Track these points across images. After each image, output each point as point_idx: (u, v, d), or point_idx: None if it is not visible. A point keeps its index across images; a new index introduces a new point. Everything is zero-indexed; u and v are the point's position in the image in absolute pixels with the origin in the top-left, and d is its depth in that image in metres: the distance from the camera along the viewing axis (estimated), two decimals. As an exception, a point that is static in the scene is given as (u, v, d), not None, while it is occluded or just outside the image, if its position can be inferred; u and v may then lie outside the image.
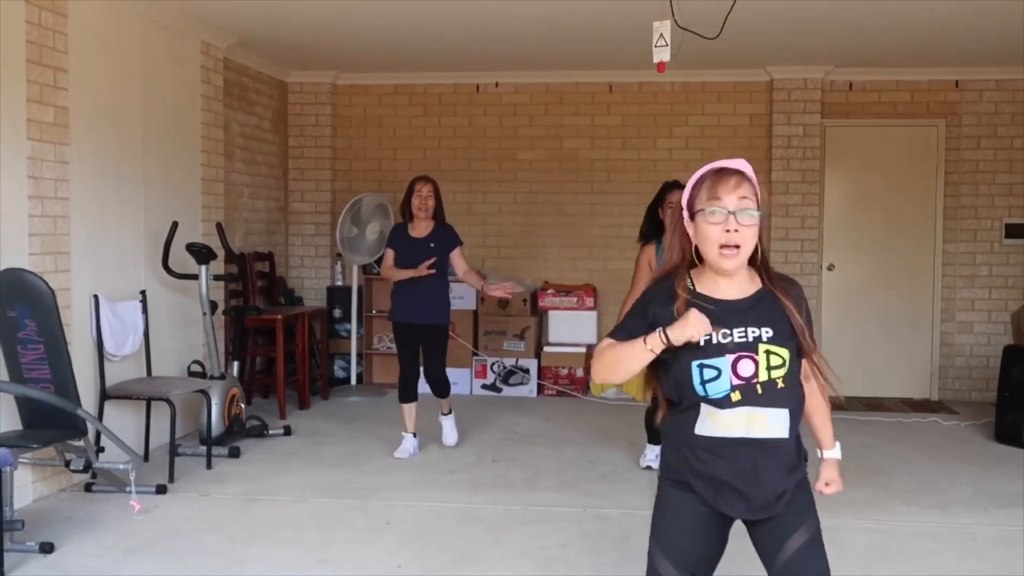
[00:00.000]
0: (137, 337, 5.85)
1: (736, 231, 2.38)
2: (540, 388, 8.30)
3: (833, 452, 2.69)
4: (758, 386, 2.37)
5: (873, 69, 8.23)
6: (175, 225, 6.09)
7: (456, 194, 8.79)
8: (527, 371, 8.31)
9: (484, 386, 8.35)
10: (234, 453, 6.00)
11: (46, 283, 4.66)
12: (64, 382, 4.65)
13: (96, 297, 5.50)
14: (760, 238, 2.47)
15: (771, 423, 2.39)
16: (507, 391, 8.32)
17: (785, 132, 8.35)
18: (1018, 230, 8.28)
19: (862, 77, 8.33)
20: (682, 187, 5.64)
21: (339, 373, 8.64)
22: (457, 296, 8.40)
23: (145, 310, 5.93)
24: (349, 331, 8.41)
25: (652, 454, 5.78)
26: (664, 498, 2.55)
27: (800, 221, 8.38)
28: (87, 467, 4.75)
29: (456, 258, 6.11)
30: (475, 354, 8.40)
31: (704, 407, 2.40)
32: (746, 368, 2.37)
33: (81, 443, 4.74)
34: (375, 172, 8.87)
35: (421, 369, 6.18)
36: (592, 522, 4.84)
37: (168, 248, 6.07)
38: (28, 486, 4.98)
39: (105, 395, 5.50)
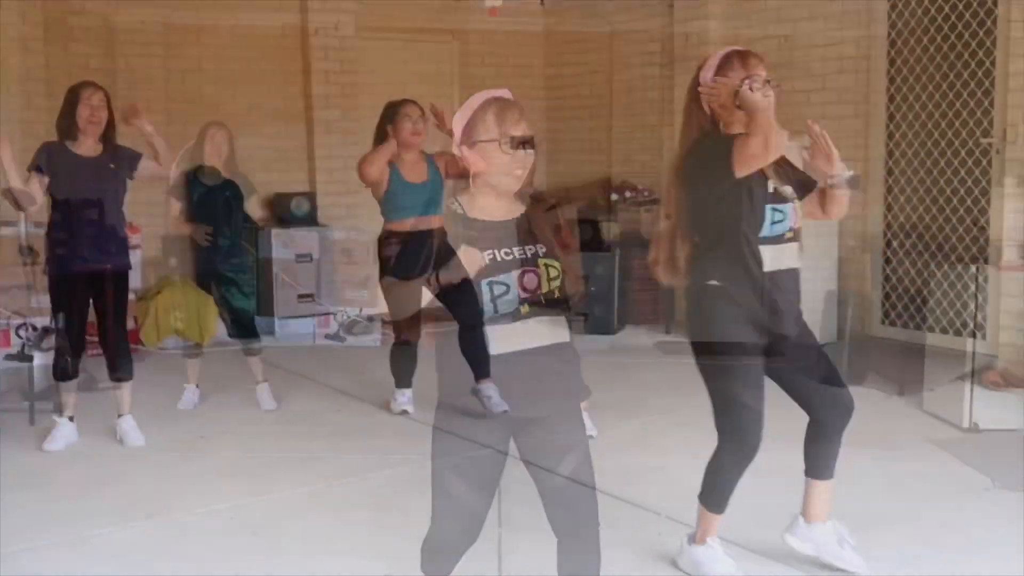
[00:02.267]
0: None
1: (527, 158, 2.57)
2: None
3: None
4: (541, 297, 2.58)
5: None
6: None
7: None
8: (371, 320, 8.22)
9: (328, 336, 8.22)
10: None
11: None
12: None
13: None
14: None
15: (554, 330, 2.61)
16: (351, 340, 8.21)
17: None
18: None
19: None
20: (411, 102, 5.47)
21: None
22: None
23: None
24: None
25: (404, 397, 5.58)
26: (444, 423, 2.64)
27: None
28: None
29: (147, 166, 4.84)
30: (317, 303, 8.25)
31: (491, 328, 2.52)
32: (531, 281, 2.58)
33: None
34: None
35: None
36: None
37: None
38: None
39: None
